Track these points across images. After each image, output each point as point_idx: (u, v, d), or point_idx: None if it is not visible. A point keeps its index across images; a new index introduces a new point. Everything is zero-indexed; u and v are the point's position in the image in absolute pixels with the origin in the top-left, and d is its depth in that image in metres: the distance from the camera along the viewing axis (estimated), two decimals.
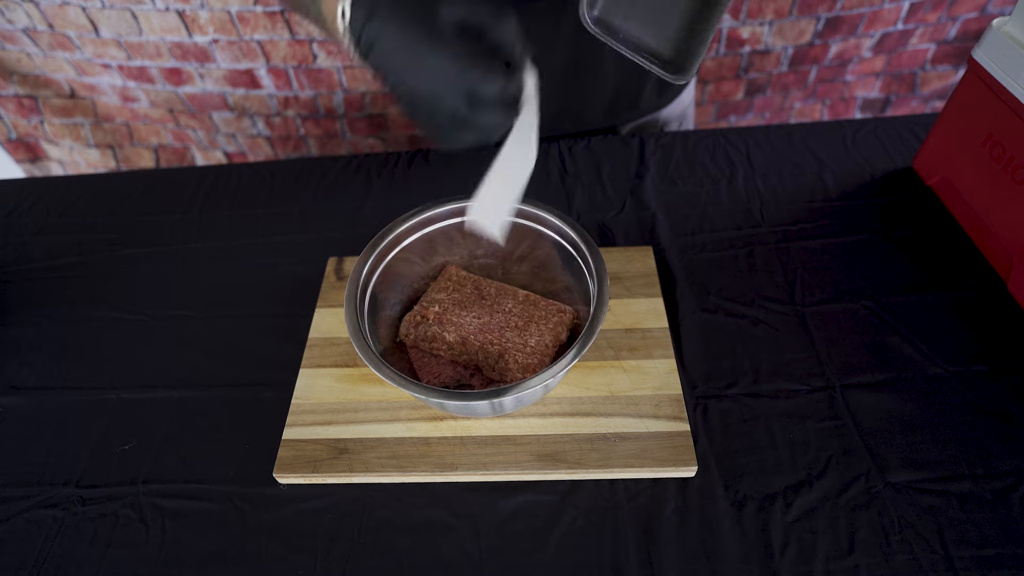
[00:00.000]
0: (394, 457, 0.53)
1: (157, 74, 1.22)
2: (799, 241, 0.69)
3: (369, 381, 0.58)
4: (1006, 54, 0.60)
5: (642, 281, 0.64)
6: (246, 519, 0.52)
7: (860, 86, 1.38)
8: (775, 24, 1.22)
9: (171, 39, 1.15)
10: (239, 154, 1.41)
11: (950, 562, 0.46)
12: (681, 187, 0.77)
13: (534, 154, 0.47)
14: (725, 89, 1.36)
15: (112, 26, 1.14)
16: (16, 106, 1.33)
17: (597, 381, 0.57)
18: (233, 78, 1.22)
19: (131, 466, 0.56)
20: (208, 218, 0.80)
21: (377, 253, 0.58)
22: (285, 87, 1.24)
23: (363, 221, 0.77)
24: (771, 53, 1.28)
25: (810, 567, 0.47)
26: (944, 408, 0.55)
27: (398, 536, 0.50)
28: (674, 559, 0.48)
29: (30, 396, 0.62)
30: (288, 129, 1.33)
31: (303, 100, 1.26)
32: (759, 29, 1.23)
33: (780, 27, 1.23)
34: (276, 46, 1.18)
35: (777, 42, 1.26)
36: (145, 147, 1.41)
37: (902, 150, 0.79)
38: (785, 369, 0.58)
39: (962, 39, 1.28)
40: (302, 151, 1.39)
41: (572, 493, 0.52)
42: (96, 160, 1.44)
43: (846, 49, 1.28)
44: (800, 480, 0.51)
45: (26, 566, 0.50)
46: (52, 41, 1.19)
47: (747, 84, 1.35)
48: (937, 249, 0.67)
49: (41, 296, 0.72)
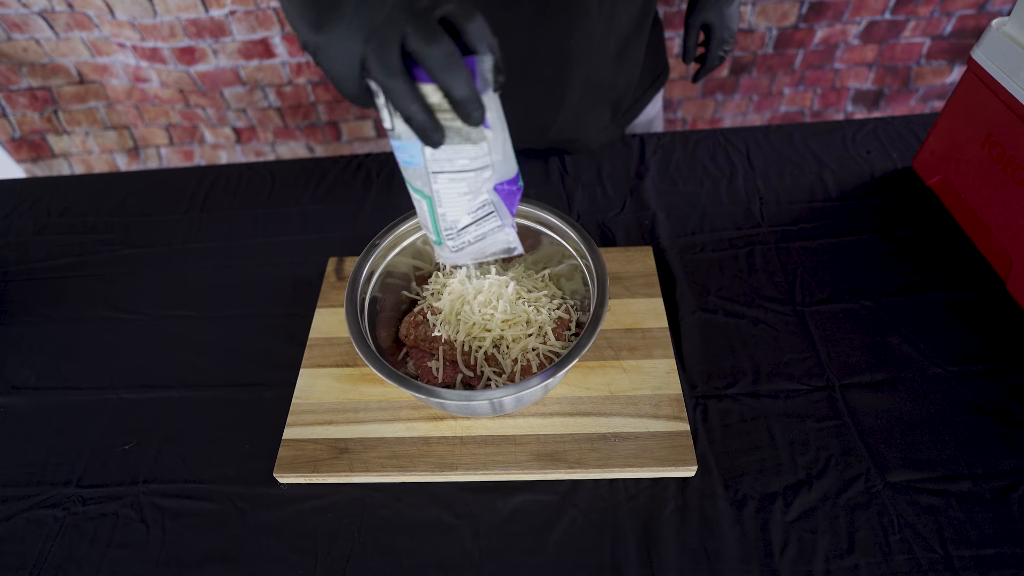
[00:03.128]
0: (394, 457, 0.53)
1: (169, 55, 1.26)
2: (799, 241, 0.69)
3: (369, 381, 0.58)
4: (1005, 54, 0.61)
5: (642, 281, 0.64)
6: (246, 519, 0.52)
7: (852, 76, 1.40)
8: (758, 4, 1.25)
9: (186, 16, 1.19)
10: (248, 129, 1.45)
11: (949, 562, 0.46)
12: (681, 187, 0.77)
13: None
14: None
15: (127, 9, 1.17)
16: (29, 99, 1.36)
17: (597, 381, 0.57)
18: (247, 50, 1.27)
19: (131, 466, 0.56)
20: (208, 218, 0.80)
21: (377, 253, 0.58)
22: (299, 52, 1.28)
23: (363, 221, 0.77)
24: (755, 32, 1.30)
25: (810, 567, 0.47)
26: (944, 408, 0.55)
27: (398, 536, 0.50)
28: (674, 559, 0.48)
29: (30, 396, 0.62)
30: (299, 97, 1.38)
31: (315, 66, 1.31)
32: (743, 8, 1.25)
33: (763, 7, 1.25)
34: None
35: (761, 22, 1.28)
36: (157, 126, 1.46)
37: (902, 150, 0.79)
38: (785, 369, 0.58)
39: (958, 35, 1.29)
40: (311, 118, 1.42)
41: (572, 493, 0.52)
42: (112, 142, 1.48)
43: (832, 34, 1.30)
44: (800, 480, 0.51)
45: (26, 566, 0.50)
46: (70, 21, 1.22)
47: (732, 62, 1.37)
48: (937, 249, 0.67)
49: (41, 296, 0.72)
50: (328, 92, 1.38)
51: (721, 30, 0.75)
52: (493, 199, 0.46)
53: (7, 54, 1.28)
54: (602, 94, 0.76)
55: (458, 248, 0.49)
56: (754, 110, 1.48)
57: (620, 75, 0.75)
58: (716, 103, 1.46)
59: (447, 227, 0.47)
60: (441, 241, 0.49)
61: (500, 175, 0.45)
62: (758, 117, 1.50)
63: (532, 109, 0.73)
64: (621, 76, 0.76)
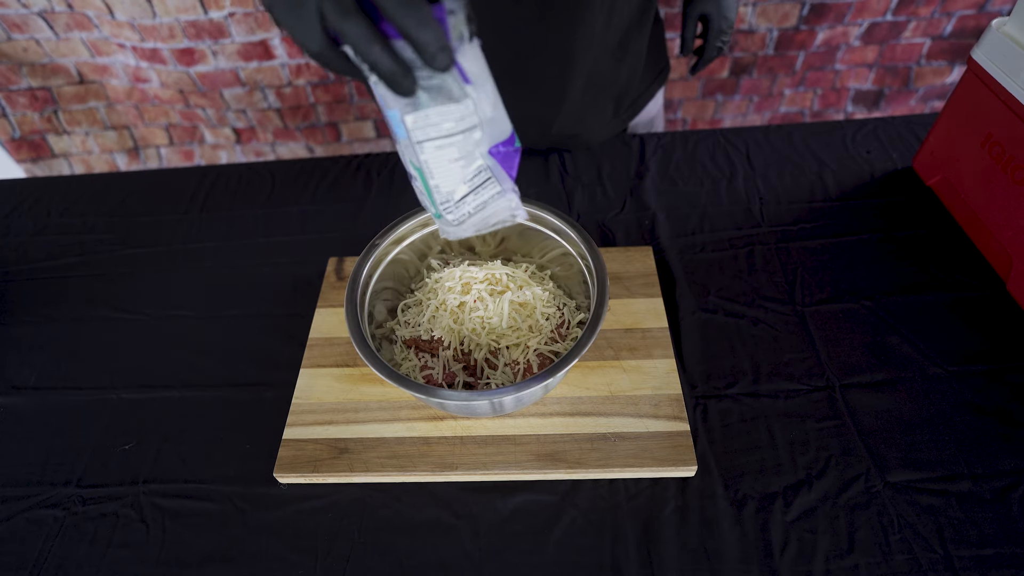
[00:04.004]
0: (394, 457, 0.53)
1: (169, 55, 1.26)
2: (799, 241, 0.69)
3: (369, 381, 0.58)
4: (1005, 54, 0.61)
5: (642, 281, 0.64)
6: (246, 519, 0.52)
7: (852, 77, 1.39)
8: (759, 4, 1.25)
9: (185, 18, 1.19)
10: (248, 129, 1.45)
11: (949, 562, 0.46)
12: (681, 187, 0.77)
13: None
14: (710, 66, 1.37)
15: (126, 10, 1.17)
16: (29, 99, 1.36)
17: (597, 381, 0.57)
18: (246, 51, 1.27)
19: (131, 466, 0.56)
20: (208, 218, 0.80)
21: (377, 253, 0.58)
22: (298, 54, 1.28)
23: (363, 221, 0.77)
24: (755, 33, 1.30)
25: (810, 567, 0.47)
26: (944, 408, 0.55)
27: (398, 536, 0.50)
28: (674, 559, 0.48)
29: (30, 396, 0.62)
30: (298, 99, 1.38)
31: (315, 67, 1.31)
32: (743, 9, 1.25)
33: (764, 8, 1.25)
34: None
35: (761, 23, 1.28)
36: (157, 126, 1.46)
37: (902, 150, 0.79)
38: (785, 369, 0.58)
39: (958, 35, 1.29)
40: (311, 119, 1.43)
41: (572, 493, 0.52)
42: (113, 142, 1.48)
43: (833, 36, 1.30)
44: (800, 480, 0.51)
45: (26, 566, 0.50)
46: (70, 21, 1.22)
47: (732, 63, 1.37)
48: (937, 249, 0.67)
49: (41, 296, 0.72)
50: (328, 93, 1.37)
51: (719, 20, 0.74)
52: (489, 163, 0.43)
53: (7, 54, 1.28)
54: (604, 89, 0.76)
55: (459, 221, 0.46)
56: (754, 111, 1.48)
57: (622, 69, 0.75)
58: (716, 104, 1.46)
59: (443, 199, 0.44)
60: (440, 214, 0.46)
61: (493, 136, 0.42)
62: (758, 118, 1.50)
63: (535, 105, 0.73)
64: (623, 70, 0.75)
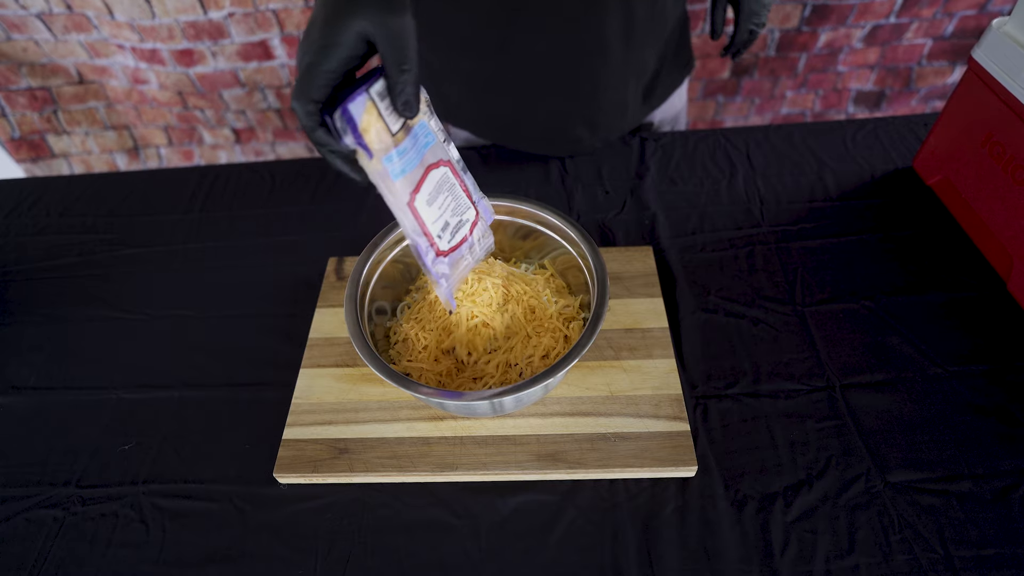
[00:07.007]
0: (394, 457, 0.53)
1: (168, 56, 1.26)
2: (799, 241, 0.69)
3: (369, 381, 0.58)
4: (1006, 54, 0.60)
5: (642, 281, 0.64)
6: (246, 519, 0.52)
7: (853, 78, 1.39)
8: None
9: (185, 19, 1.19)
10: (247, 130, 1.45)
11: (950, 562, 0.46)
12: (681, 187, 0.77)
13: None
14: (711, 67, 1.37)
15: (125, 11, 1.17)
16: (28, 99, 1.36)
17: (597, 381, 0.57)
18: (246, 52, 1.27)
19: (131, 466, 0.56)
20: (208, 218, 0.80)
21: (377, 253, 0.58)
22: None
23: (363, 221, 0.77)
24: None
25: (810, 567, 0.47)
26: (944, 408, 0.55)
27: (398, 536, 0.50)
28: (674, 559, 0.48)
29: (30, 396, 0.62)
30: None
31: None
32: None
33: None
34: (291, 14, 1.22)
35: None
36: (156, 127, 1.46)
37: (902, 150, 0.79)
38: (785, 369, 0.58)
39: (959, 36, 1.29)
40: None
41: (572, 493, 0.52)
42: (112, 142, 1.48)
43: (836, 38, 1.30)
44: (800, 480, 0.51)
45: (26, 566, 0.50)
46: (68, 23, 1.22)
47: (733, 64, 1.37)
48: (937, 249, 0.67)
49: (41, 296, 0.72)
50: None
51: (750, 2, 0.70)
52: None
53: (7, 54, 1.28)
54: (635, 74, 0.77)
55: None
56: (755, 113, 1.48)
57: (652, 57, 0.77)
58: (717, 105, 1.46)
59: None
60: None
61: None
62: (759, 119, 1.49)
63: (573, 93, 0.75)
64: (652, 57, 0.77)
